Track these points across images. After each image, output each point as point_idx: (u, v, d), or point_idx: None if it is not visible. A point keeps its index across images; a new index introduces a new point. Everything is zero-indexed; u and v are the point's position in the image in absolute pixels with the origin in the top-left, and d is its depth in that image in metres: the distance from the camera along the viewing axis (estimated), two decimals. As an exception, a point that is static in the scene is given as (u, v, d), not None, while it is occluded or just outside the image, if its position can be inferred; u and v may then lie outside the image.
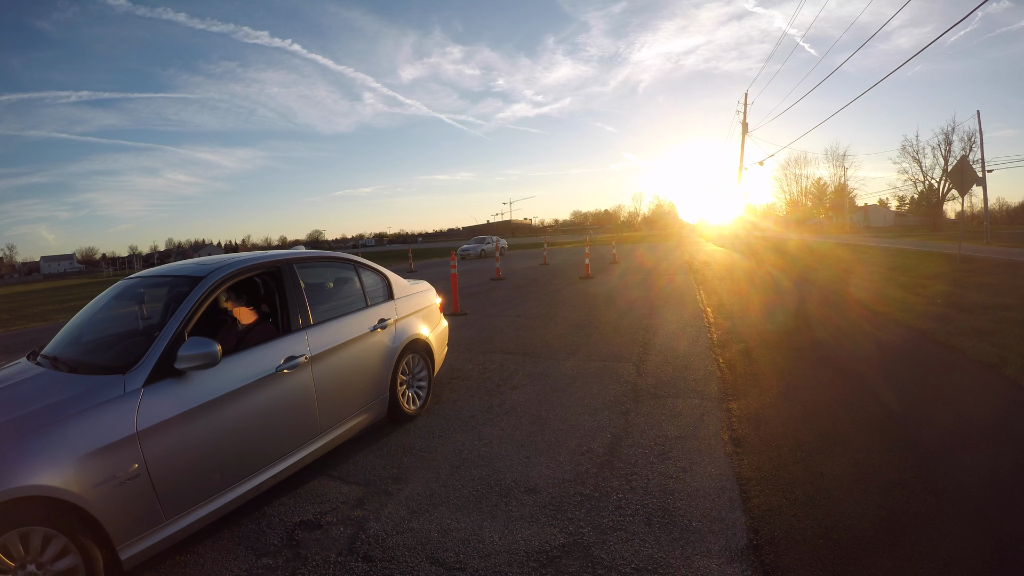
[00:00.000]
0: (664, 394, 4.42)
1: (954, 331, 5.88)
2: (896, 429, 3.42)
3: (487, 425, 3.94)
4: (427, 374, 4.40)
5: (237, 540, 2.62)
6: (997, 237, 28.24)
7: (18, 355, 3.64)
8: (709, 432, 3.58)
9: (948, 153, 53.00)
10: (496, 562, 2.33)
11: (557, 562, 2.30)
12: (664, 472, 3.05)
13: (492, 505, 2.81)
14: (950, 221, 56.04)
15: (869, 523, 2.42)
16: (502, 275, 15.91)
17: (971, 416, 3.59)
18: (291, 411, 3.04)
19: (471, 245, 32.91)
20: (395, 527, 2.65)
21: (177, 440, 2.42)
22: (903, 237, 35.86)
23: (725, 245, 27.87)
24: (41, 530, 1.99)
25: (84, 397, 2.26)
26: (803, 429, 3.51)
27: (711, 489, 2.83)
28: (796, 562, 2.20)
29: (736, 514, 2.58)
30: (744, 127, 32.51)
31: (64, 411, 2.18)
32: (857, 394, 4.12)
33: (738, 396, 4.26)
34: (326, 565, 2.38)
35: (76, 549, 2.07)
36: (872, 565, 2.14)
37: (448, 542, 2.50)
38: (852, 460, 3.04)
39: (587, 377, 5.03)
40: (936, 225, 53.20)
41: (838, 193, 67.80)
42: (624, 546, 2.38)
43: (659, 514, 2.62)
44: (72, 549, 2.06)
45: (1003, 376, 4.35)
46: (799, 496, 2.69)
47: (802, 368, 4.96)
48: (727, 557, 2.26)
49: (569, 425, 3.85)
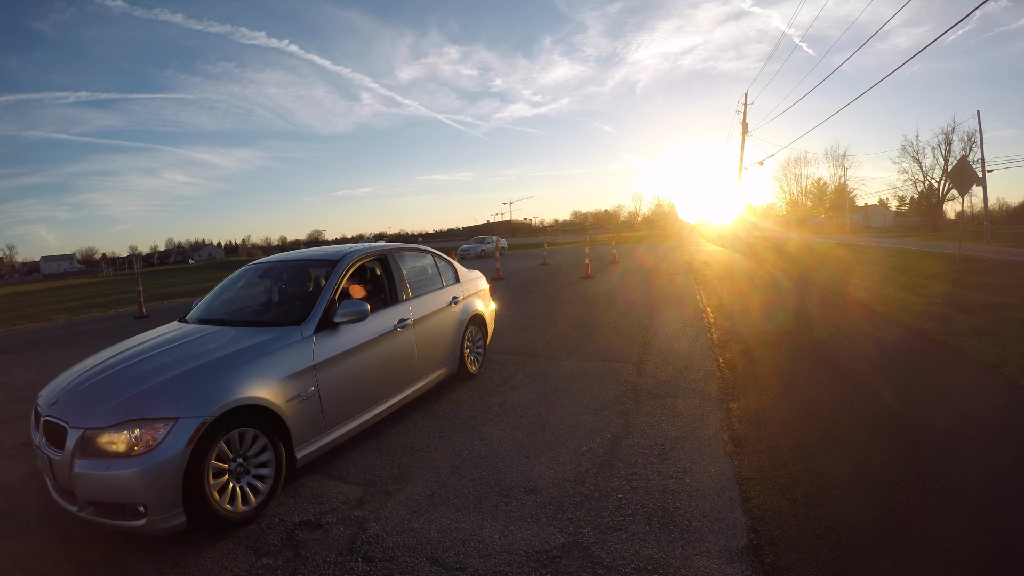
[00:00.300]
0: (664, 394, 4.42)
1: (954, 331, 5.88)
2: (896, 429, 3.42)
3: (487, 425, 3.94)
4: (483, 343, 5.50)
5: (237, 540, 2.62)
6: (997, 237, 28.24)
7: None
8: (709, 432, 3.58)
9: (948, 153, 53.01)
10: (496, 562, 2.33)
11: (557, 562, 2.30)
12: (664, 472, 3.05)
13: (492, 505, 2.81)
14: (950, 221, 56.04)
15: (869, 523, 2.42)
16: (502, 275, 15.91)
17: (971, 416, 3.59)
18: (401, 359, 4.05)
19: (471, 245, 32.93)
20: (395, 527, 2.65)
21: (335, 373, 3.35)
22: (903, 237, 35.85)
23: (725, 245, 27.87)
24: (251, 431, 2.80)
25: (276, 340, 3.17)
26: (803, 429, 3.51)
27: (711, 489, 2.83)
28: (796, 562, 2.20)
29: (736, 514, 2.58)
30: (744, 127, 32.50)
31: (266, 348, 3.08)
32: (857, 394, 4.12)
33: (738, 396, 4.26)
34: (326, 565, 2.38)
35: (271, 447, 2.89)
36: (872, 565, 2.14)
37: (448, 542, 2.50)
38: (852, 460, 3.03)
39: (587, 377, 5.03)
40: (936, 225, 53.18)
41: (838, 193, 67.79)
42: (624, 546, 2.38)
43: (659, 514, 2.62)
44: (268, 447, 2.88)
45: (1003, 376, 4.35)
46: (799, 496, 2.69)
47: (802, 368, 4.96)
48: (727, 557, 2.26)
49: (569, 425, 3.85)
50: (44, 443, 2.73)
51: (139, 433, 2.49)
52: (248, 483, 2.80)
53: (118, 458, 2.48)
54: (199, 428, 2.55)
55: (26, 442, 4.22)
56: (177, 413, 2.56)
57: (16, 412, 5.14)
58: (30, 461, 3.82)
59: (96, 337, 9.79)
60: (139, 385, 2.74)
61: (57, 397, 2.87)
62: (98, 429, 2.53)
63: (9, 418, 4.97)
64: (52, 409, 2.77)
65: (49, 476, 2.74)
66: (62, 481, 2.61)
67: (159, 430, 2.50)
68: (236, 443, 2.74)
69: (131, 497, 2.45)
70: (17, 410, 5.21)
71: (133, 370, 2.94)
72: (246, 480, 2.80)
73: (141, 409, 2.57)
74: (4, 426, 4.73)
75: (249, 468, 2.82)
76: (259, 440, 2.84)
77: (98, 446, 2.52)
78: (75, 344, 9.05)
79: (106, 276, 66.84)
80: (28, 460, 3.85)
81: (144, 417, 2.53)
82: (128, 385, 2.76)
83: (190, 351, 3.11)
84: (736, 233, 34.06)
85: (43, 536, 2.79)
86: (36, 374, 6.83)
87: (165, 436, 2.49)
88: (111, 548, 2.62)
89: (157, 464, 2.44)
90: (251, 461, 2.82)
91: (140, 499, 2.44)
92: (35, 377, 6.63)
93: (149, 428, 2.50)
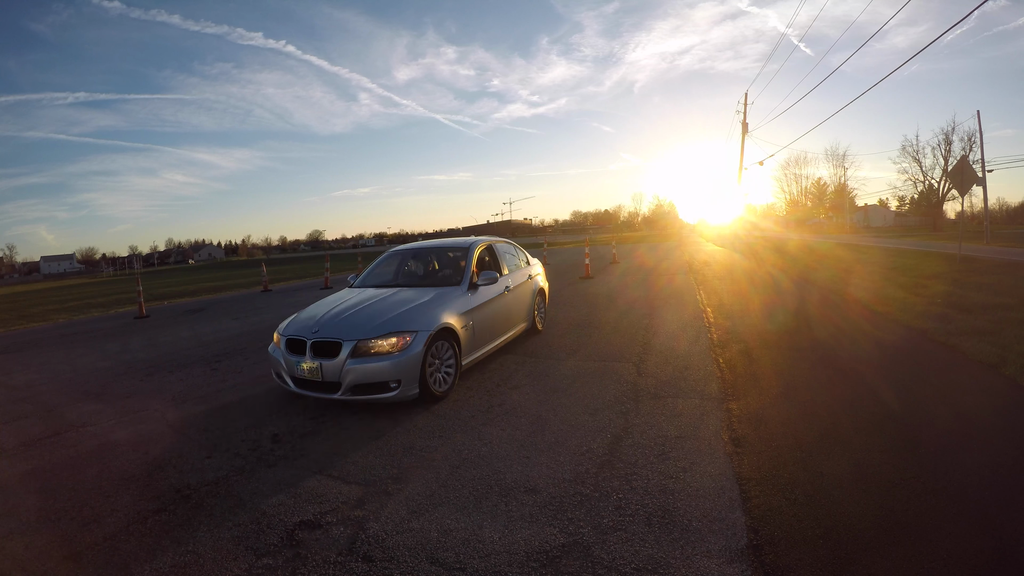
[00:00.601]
0: (664, 394, 4.42)
1: (954, 331, 5.88)
2: (896, 429, 3.42)
3: (487, 425, 3.94)
4: (544, 309, 7.42)
5: (237, 540, 2.62)
6: (997, 237, 28.22)
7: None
8: (709, 432, 3.57)
9: (948, 153, 52.97)
10: (496, 562, 2.33)
11: (557, 562, 2.30)
12: (664, 472, 3.05)
13: (492, 505, 2.81)
14: (950, 221, 55.98)
15: (869, 523, 2.42)
16: (502, 275, 15.86)
17: (971, 416, 3.59)
18: (506, 311, 5.91)
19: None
20: (395, 527, 2.65)
21: (479, 314, 5.18)
22: (903, 237, 35.83)
23: (725, 245, 27.85)
24: (446, 343, 4.62)
25: (450, 293, 5.05)
26: (803, 429, 3.51)
27: (711, 489, 2.83)
28: (796, 562, 2.20)
29: (736, 514, 2.57)
30: (744, 127, 32.51)
31: (446, 297, 4.96)
32: (857, 394, 4.12)
33: (738, 396, 4.26)
34: (326, 565, 2.38)
35: (455, 354, 4.71)
36: (872, 565, 2.14)
37: (448, 542, 2.50)
38: (852, 460, 3.03)
39: (587, 377, 5.03)
40: (936, 225, 53.13)
41: (838, 193, 67.75)
42: (624, 546, 2.38)
43: (659, 514, 2.62)
44: (454, 353, 4.70)
45: (1003, 376, 4.35)
46: (799, 496, 2.69)
47: (802, 368, 4.96)
48: (727, 557, 2.26)
49: (569, 425, 3.85)
50: (311, 356, 4.28)
51: (395, 341, 4.19)
52: (443, 374, 4.57)
53: (380, 356, 4.13)
54: (430, 338, 4.33)
55: (26, 442, 4.23)
56: (418, 328, 4.33)
57: (16, 412, 5.14)
58: (30, 461, 3.82)
59: (97, 337, 9.79)
60: (384, 316, 4.47)
61: (318, 326, 4.44)
62: (368, 340, 4.18)
63: (9, 418, 4.96)
64: (318, 334, 4.32)
65: (316, 376, 4.22)
66: (330, 377, 4.16)
67: (407, 338, 4.23)
68: (439, 349, 4.50)
69: (389, 378, 4.11)
70: (17, 410, 5.21)
71: (369, 310, 4.64)
72: (442, 372, 4.56)
73: (397, 326, 4.31)
74: (4, 426, 4.73)
75: (443, 365, 4.58)
76: (448, 348, 4.61)
77: (367, 350, 4.15)
78: (75, 344, 9.05)
79: (106, 276, 66.80)
80: (28, 460, 3.85)
81: (400, 330, 4.27)
82: (375, 316, 4.47)
83: (398, 299, 4.88)
84: (736, 233, 34.06)
85: (43, 536, 2.79)
86: (36, 374, 6.83)
87: (412, 341, 4.23)
88: (111, 548, 2.63)
89: (409, 357, 4.16)
90: (445, 361, 4.61)
91: (395, 378, 4.12)
92: (35, 377, 6.63)
93: (402, 337, 4.22)
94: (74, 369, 6.98)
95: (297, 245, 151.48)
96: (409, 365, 4.13)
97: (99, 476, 3.47)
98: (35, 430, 4.53)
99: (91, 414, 4.87)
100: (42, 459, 3.86)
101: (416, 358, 4.16)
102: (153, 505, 3.02)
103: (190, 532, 2.71)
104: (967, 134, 50.80)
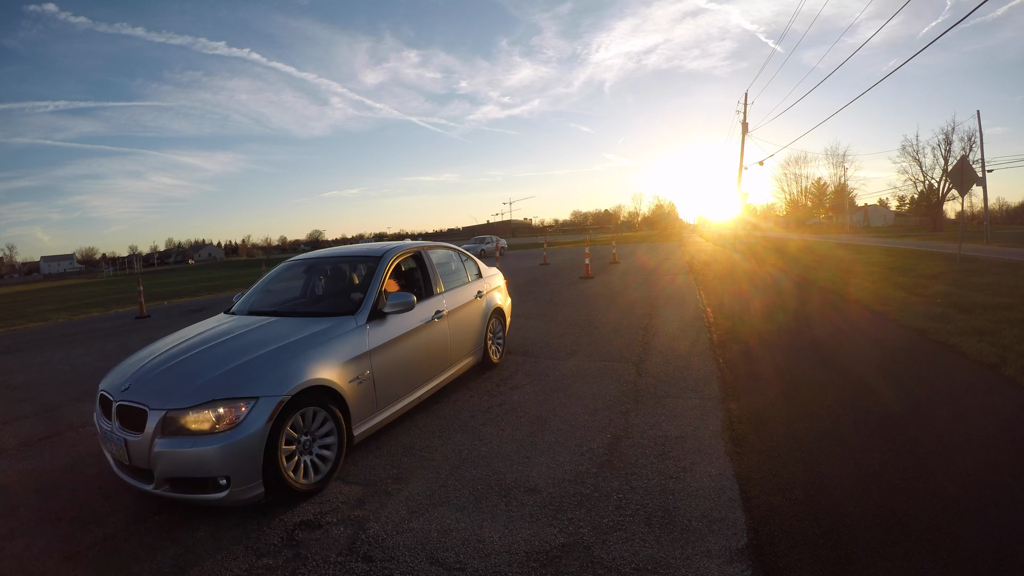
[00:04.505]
0: (664, 394, 4.42)
1: (954, 331, 5.87)
2: (896, 429, 3.42)
3: (487, 425, 3.94)
4: (503, 334, 5.79)
5: (237, 540, 2.62)
6: (997, 237, 28.22)
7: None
8: (709, 432, 3.57)
9: (948, 153, 52.85)
10: (496, 562, 2.32)
11: (557, 562, 2.30)
12: (664, 472, 3.05)
13: (492, 505, 2.81)
14: (950, 221, 55.98)
15: (869, 523, 2.42)
16: (502, 275, 15.88)
17: (971, 416, 3.59)
18: (438, 346, 4.34)
19: (471, 245, 32.94)
20: (395, 527, 2.65)
21: (386, 358, 3.63)
22: (903, 237, 35.83)
23: (725, 245, 27.85)
24: (320, 411, 3.05)
25: (334, 329, 3.41)
26: (803, 429, 3.51)
27: (711, 489, 2.82)
28: (796, 562, 2.20)
29: (736, 514, 2.57)
30: (744, 127, 32.48)
31: (326, 336, 3.31)
32: (857, 394, 4.12)
33: (738, 396, 4.25)
34: (326, 565, 2.38)
35: (334, 424, 3.12)
36: (872, 565, 2.14)
37: (448, 542, 2.50)
38: (852, 460, 3.03)
39: (587, 377, 5.03)
40: (936, 225, 53.10)
41: (838, 193, 67.76)
42: (624, 546, 2.38)
43: (659, 514, 2.62)
44: (332, 425, 3.11)
45: (1003, 376, 4.35)
46: (799, 496, 2.69)
47: (802, 368, 4.96)
48: (727, 557, 2.26)
49: (569, 425, 3.85)
50: (118, 427, 2.87)
51: (222, 411, 2.68)
52: (314, 458, 3.05)
53: (201, 436, 2.65)
54: (278, 406, 2.78)
55: (26, 442, 4.23)
56: (258, 392, 2.77)
57: (16, 412, 5.14)
58: (30, 461, 3.82)
59: (97, 337, 9.79)
60: (216, 368, 2.93)
61: (129, 383, 2.99)
62: (181, 410, 2.69)
63: (9, 418, 4.96)
64: (126, 394, 2.90)
65: (123, 457, 2.84)
66: (138, 461, 2.75)
67: (242, 408, 2.70)
68: (305, 421, 2.99)
69: (214, 471, 2.63)
70: (17, 410, 5.21)
71: (203, 356, 3.13)
72: (312, 455, 3.05)
73: (224, 389, 2.76)
74: (4, 426, 4.73)
75: (315, 444, 3.06)
76: (323, 418, 3.08)
77: (180, 425, 2.68)
78: (75, 344, 9.05)
79: (106, 276, 66.83)
80: (28, 460, 3.85)
81: (228, 397, 2.72)
82: (205, 369, 2.96)
83: (255, 338, 3.32)
84: (736, 233, 34.03)
85: (43, 536, 2.79)
86: (36, 374, 6.83)
87: (248, 413, 2.70)
88: (111, 548, 2.63)
89: (241, 439, 2.64)
90: (317, 438, 3.07)
91: (223, 472, 2.63)
92: (35, 377, 6.63)
93: (232, 407, 2.70)
94: (74, 369, 6.97)
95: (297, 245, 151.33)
96: (242, 451, 2.63)
97: (99, 476, 3.46)
98: (35, 430, 4.53)
99: (91, 414, 4.86)
100: (42, 459, 3.86)
101: (253, 440, 2.66)
102: (153, 505, 3.02)
103: (190, 532, 2.71)
104: (967, 134, 50.77)
